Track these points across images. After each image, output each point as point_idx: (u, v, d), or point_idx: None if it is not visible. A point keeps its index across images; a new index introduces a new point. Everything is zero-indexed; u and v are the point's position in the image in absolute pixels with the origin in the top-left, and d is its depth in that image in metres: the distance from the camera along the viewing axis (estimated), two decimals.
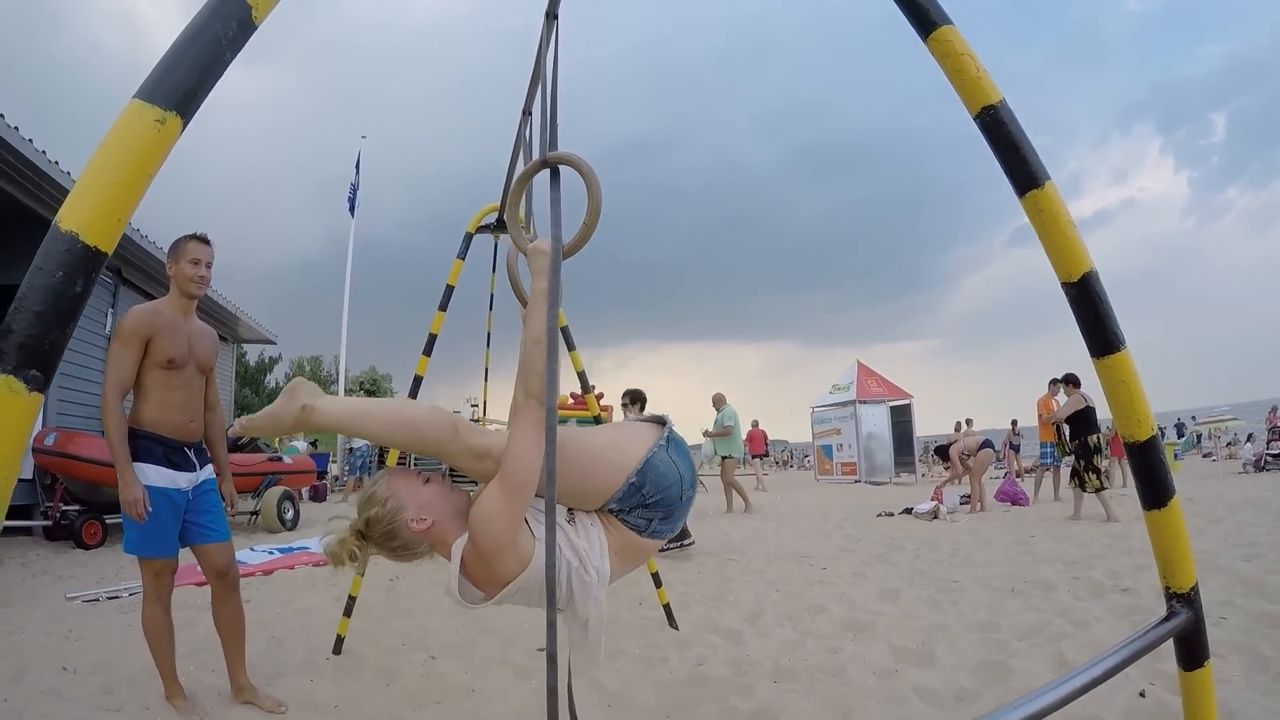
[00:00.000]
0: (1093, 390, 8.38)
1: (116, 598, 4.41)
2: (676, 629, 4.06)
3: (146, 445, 2.75)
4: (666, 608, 4.15)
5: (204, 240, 2.92)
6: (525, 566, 1.59)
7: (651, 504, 1.68)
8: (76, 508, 6.47)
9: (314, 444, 15.54)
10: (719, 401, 11.41)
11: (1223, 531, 6.18)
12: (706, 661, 3.51)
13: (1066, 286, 1.19)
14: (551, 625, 1.49)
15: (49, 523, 6.36)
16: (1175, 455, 17.35)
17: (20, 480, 6.42)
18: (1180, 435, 26.25)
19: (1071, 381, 8.89)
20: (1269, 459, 14.93)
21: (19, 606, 4.07)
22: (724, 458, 11.36)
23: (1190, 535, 4.85)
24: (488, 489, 1.57)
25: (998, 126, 1.17)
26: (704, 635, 3.94)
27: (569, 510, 1.71)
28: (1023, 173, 1.18)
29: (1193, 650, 1.23)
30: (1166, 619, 1.22)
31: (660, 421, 1.82)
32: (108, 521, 6.50)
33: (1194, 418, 26.78)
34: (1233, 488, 11.17)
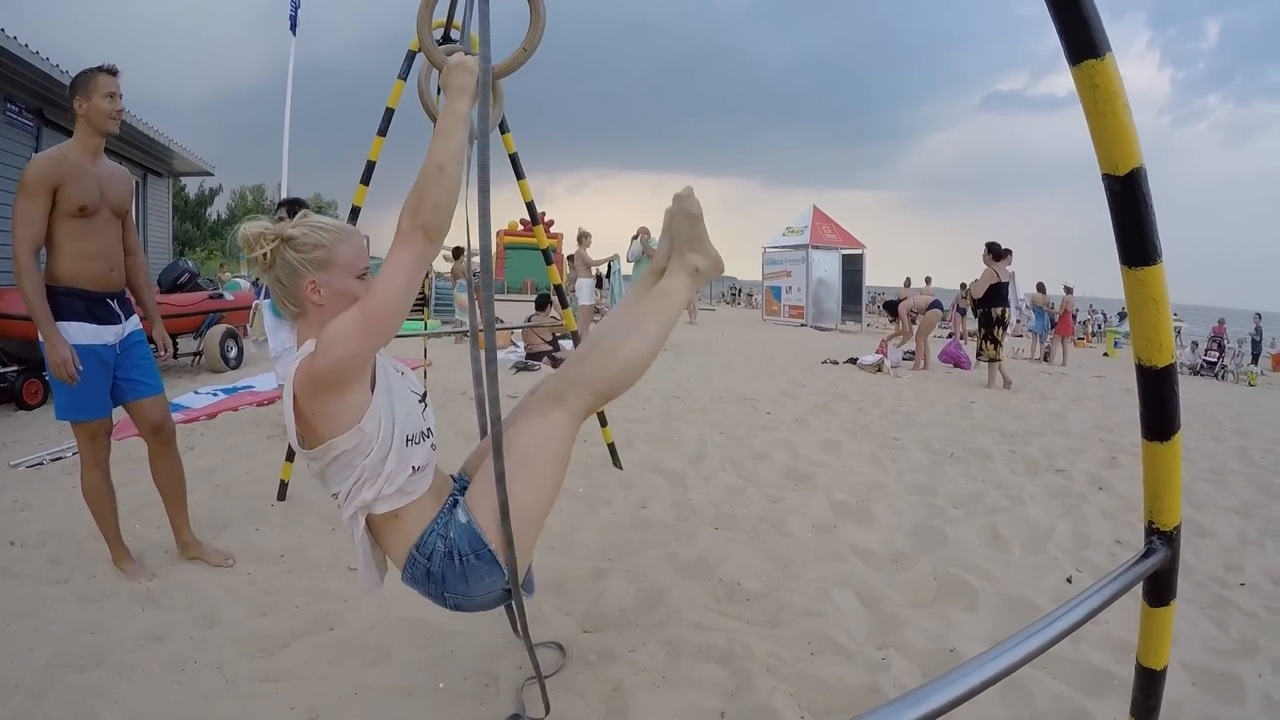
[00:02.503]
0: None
1: (60, 458, 4.27)
2: (621, 468, 4.13)
3: (67, 302, 2.56)
4: (611, 447, 4.21)
5: (114, 72, 2.65)
6: (348, 430, 1.44)
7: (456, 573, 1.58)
8: (14, 368, 6.10)
9: (255, 281, 14.86)
10: (645, 234, 10.72)
11: None
12: (649, 504, 3.59)
13: (1109, 179, 1.00)
14: (501, 478, 1.50)
15: None
16: (1115, 344, 17.96)
17: None
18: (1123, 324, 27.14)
19: (992, 251, 8.49)
20: (1204, 365, 15.78)
21: None
22: None
23: (1118, 424, 4.99)
24: (346, 313, 1.41)
25: None
26: (647, 476, 4.01)
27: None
28: (1082, 38, 0.93)
29: (1162, 589, 1.21)
30: (1145, 556, 1.18)
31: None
32: (48, 379, 6.10)
33: None
34: None
